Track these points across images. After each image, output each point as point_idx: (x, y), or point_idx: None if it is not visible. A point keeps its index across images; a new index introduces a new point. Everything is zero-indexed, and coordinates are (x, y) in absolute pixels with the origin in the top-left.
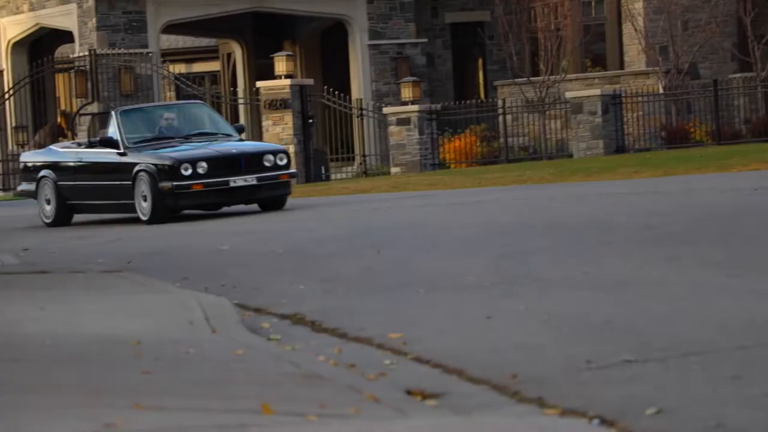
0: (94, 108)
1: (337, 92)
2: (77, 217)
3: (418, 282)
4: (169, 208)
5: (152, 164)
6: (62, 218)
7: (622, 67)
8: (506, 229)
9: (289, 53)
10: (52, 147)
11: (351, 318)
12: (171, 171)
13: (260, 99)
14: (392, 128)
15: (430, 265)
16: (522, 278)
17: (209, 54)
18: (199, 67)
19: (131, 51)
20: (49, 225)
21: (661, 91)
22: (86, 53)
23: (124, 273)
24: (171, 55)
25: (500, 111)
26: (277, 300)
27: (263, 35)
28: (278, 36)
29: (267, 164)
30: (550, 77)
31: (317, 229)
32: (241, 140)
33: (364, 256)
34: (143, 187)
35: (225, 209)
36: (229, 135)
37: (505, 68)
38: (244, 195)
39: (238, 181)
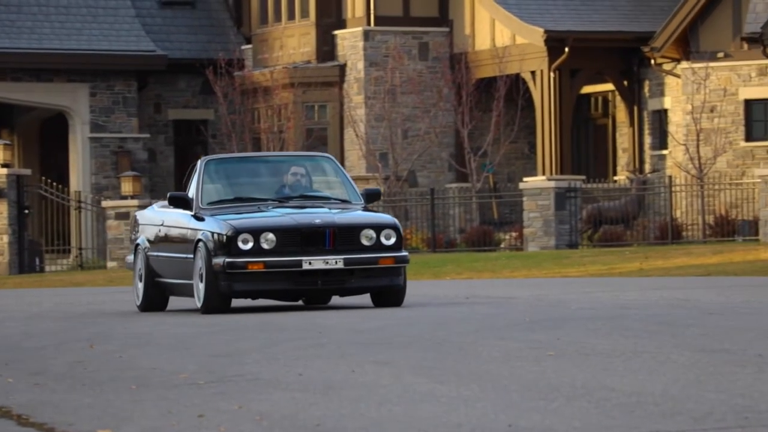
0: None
1: (55, 183)
2: None
3: (131, 378)
4: (223, 293)
5: (210, 232)
6: (154, 300)
7: None
8: (222, 327)
9: (7, 142)
10: (155, 205)
11: (60, 413)
12: (227, 243)
13: None
14: (111, 222)
15: (143, 361)
16: (236, 377)
17: None
18: None
19: None
20: (140, 309)
21: None
22: None
23: None
24: None
25: None
26: None
27: None
28: None
29: (365, 242)
30: None
31: (28, 321)
32: (365, 210)
33: (77, 349)
34: (200, 262)
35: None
36: (346, 201)
37: None
38: (325, 282)
39: (314, 263)
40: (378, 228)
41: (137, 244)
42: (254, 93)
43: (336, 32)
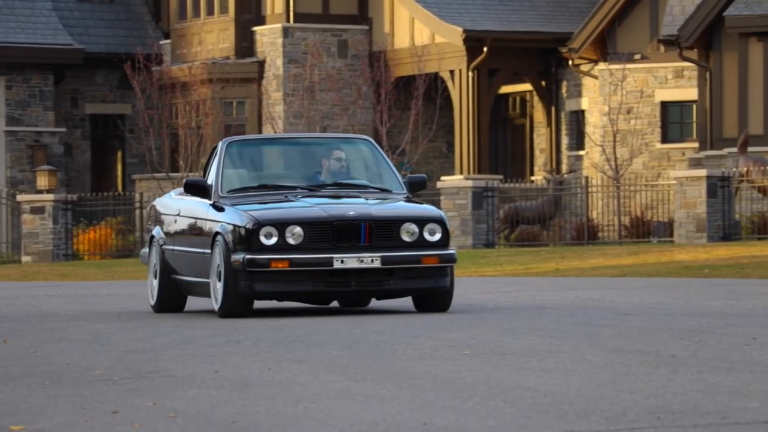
0: None
1: None
2: None
3: (45, 373)
4: (243, 294)
5: (229, 224)
6: (169, 300)
7: None
8: (138, 323)
9: None
10: (172, 192)
11: None
12: (247, 237)
13: None
14: (26, 216)
15: (58, 356)
16: (151, 374)
17: None
18: None
19: None
20: (155, 310)
21: None
22: None
23: None
24: None
25: (137, 205)
26: None
27: None
28: None
29: (406, 238)
30: (189, 174)
31: None
32: (408, 200)
33: None
34: (218, 258)
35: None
36: (386, 190)
37: (145, 162)
38: (359, 283)
39: (347, 261)
40: (421, 222)
41: (152, 236)
42: (172, 88)
43: (255, 28)
